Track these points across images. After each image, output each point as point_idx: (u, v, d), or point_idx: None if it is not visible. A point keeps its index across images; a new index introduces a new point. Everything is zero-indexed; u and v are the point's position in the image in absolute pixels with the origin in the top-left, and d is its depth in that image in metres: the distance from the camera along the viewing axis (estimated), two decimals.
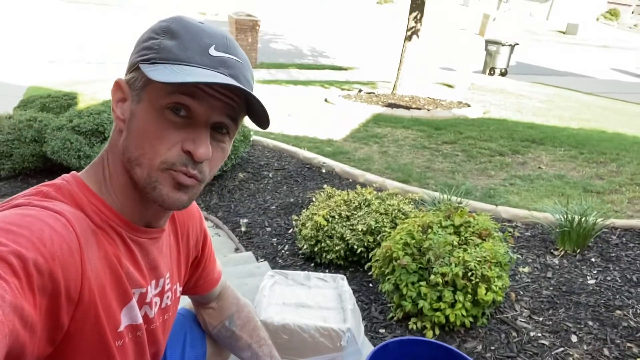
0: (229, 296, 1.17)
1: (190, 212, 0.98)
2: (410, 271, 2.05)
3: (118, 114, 0.74)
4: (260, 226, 3.34)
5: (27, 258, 0.55)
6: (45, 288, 0.57)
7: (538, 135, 5.90)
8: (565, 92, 10.80)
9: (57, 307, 0.60)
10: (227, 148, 0.77)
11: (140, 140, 0.71)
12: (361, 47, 14.66)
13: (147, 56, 0.70)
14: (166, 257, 0.87)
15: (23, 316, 0.52)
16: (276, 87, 8.44)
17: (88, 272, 0.66)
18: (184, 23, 0.71)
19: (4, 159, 3.76)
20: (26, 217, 0.61)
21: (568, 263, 2.67)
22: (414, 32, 7.78)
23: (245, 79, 0.74)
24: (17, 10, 13.30)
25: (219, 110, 0.72)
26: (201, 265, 1.04)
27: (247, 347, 1.13)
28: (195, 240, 1.00)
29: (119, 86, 0.74)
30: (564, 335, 2.07)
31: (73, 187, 0.73)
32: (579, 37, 26.23)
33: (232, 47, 0.73)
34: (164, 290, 0.87)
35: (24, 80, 7.25)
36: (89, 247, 0.67)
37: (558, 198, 3.74)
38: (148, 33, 0.73)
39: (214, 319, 1.14)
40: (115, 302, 0.73)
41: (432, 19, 11.61)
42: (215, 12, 16.79)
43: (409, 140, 5.46)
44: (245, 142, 4.09)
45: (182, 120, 0.70)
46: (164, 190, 0.72)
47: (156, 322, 0.86)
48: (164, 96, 0.69)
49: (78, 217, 0.68)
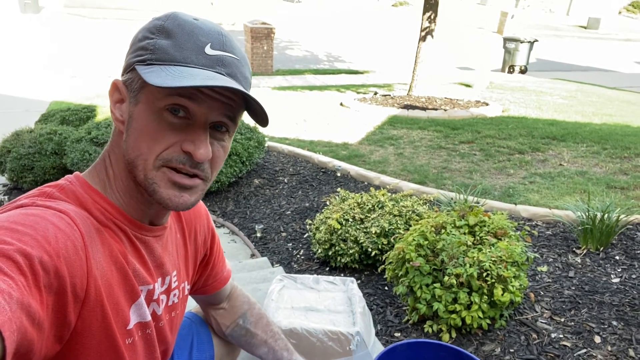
0: (239, 295, 1.17)
1: (197, 211, 0.98)
2: (424, 273, 2.01)
3: (117, 116, 0.74)
4: (276, 231, 3.33)
5: (33, 256, 0.55)
6: (51, 286, 0.57)
7: (559, 132, 5.76)
8: (588, 87, 10.54)
9: (63, 304, 0.60)
10: (227, 146, 0.77)
11: (138, 142, 0.71)
12: (377, 51, 14.62)
13: (143, 57, 0.70)
14: (172, 254, 0.87)
15: (30, 313, 0.52)
16: (292, 93, 8.48)
17: (94, 269, 0.66)
18: (178, 21, 0.70)
19: (26, 172, 3.85)
20: (30, 216, 0.62)
21: (591, 262, 2.58)
22: (428, 32, 7.71)
23: (242, 76, 0.73)
24: (41, 28, 13.71)
25: (217, 110, 0.71)
26: (210, 264, 1.04)
27: (264, 343, 1.13)
28: (203, 239, 1.00)
29: (116, 87, 0.74)
30: (587, 336, 1.99)
31: (76, 187, 0.73)
32: (600, 31, 25.62)
33: (229, 44, 0.72)
34: (171, 288, 0.87)
35: (47, 95, 7.45)
36: (93, 245, 0.67)
37: (580, 195, 3.63)
38: (143, 32, 0.72)
39: (227, 319, 1.14)
40: (123, 299, 0.73)
41: (448, 18, 11.52)
42: (232, 21, 17.00)
43: (425, 141, 5.40)
44: (260, 149, 4.11)
45: (181, 121, 0.70)
46: (163, 192, 0.72)
47: (164, 320, 0.86)
48: (161, 98, 0.69)
49: (82, 216, 0.68)
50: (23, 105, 6.83)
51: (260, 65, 10.35)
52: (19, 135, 4.08)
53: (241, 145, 3.89)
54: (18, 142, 3.97)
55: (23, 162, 3.84)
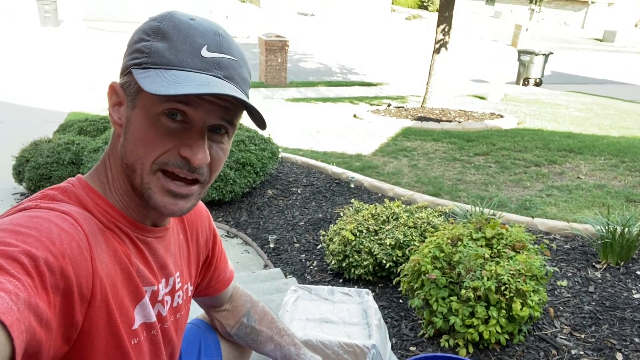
0: (241, 294, 1.16)
1: (199, 212, 0.98)
2: (440, 286, 1.98)
3: (115, 119, 0.74)
4: (289, 242, 3.32)
5: (38, 257, 0.55)
6: (57, 286, 0.57)
7: (576, 144, 5.68)
8: (604, 100, 10.42)
9: (70, 305, 0.60)
10: (227, 148, 0.76)
11: (135, 147, 0.71)
12: (391, 63, 14.65)
13: (139, 60, 0.69)
14: (174, 256, 0.87)
15: (38, 313, 0.52)
16: (305, 105, 8.51)
17: (99, 269, 0.66)
18: (174, 22, 0.70)
19: (44, 181, 3.90)
20: (33, 218, 0.62)
21: (611, 276, 2.52)
22: (442, 44, 7.72)
23: (240, 78, 0.72)
24: (60, 40, 14.02)
25: (214, 114, 0.71)
26: (213, 265, 1.04)
27: (269, 340, 1.12)
28: (205, 240, 1.00)
29: (114, 90, 0.74)
30: (609, 353, 1.93)
31: (78, 190, 0.73)
32: (616, 44, 25.41)
33: (225, 45, 0.71)
34: (175, 289, 0.87)
35: (65, 106, 7.58)
36: (97, 246, 0.67)
37: (599, 209, 3.56)
38: (139, 33, 0.72)
39: (231, 319, 1.14)
40: (128, 300, 0.73)
41: (462, 31, 11.50)
42: (247, 34, 17.21)
43: (439, 153, 5.37)
44: (273, 159, 4.11)
45: (178, 125, 0.69)
46: (158, 199, 0.72)
47: (169, 321, 0.86)
48: (158, 103, 0.68)
49: (85, 217, 0.68)
50: (42, 116, 6.95)
51: (274, 77, 10.44)
52: (38, 145, 4.14)
53: (255, 155, 3.90)
54: (36, 151, 4.03)
55: (41, 171, 3.89)
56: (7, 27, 15.28)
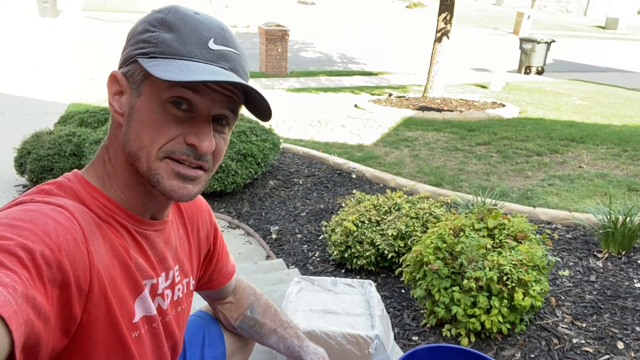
0: (244, 287, 1.17)
1: (199, 206, 0.98)
2: (442, 276, 1.99)
3: (116, 108, 0.74)
4: (291, 233, 3.33)
5: (34, 250, 0.55)
6: (55, 279, 0.57)
7: (578, 133, 5.67)
8: (607, 88, 10.37)
9: (68, 297, 0.60)
10: (227, 138, 0.79)
11: (140, 134, 0.71)
12: (391, 52, 14.57)
13: (145, 50, 0.70)
14: (174, 249, 0.88)
15: (36, 306, 0.52)
16: (306, 95, 8.48)
17: (96, 262, 0.66)
18: (180, 14, 0.71)
19: (45, 173, 3.90)
20: (29, 212, 0.62)
21: (612, 266, 2.53)
22: (443, 33, 7.66)
23: (243, 71, 0.74)
24: (59, 31, 13.94)
25: (220, 103, 0.72)
26: (214, 259, 1.05)
27: (273, 332, 1.13)
28: (206, 234, 1.00)
29: (116, 79, 0.74)
30: (610, 342, 1.95)
31: (75, 184, 0.73)
32: (619, 32, 25.20)
33: (230, 39, 0.73)
34: (174, 283, 0.87)
35: (66, 97, 7.56)
36: (94, 239, 0.67)
37: (601, 198, 3.56)
38: (143, 25, 0.72)
39: (234, 311, 1.14)
40: (127, 293, 0.73)
41: (463, 19, 11.41)
42: (247, 24, 17.09)
43: (441, 143, 5.36)
44: (275, 150, 4.11)
45: (184, 113, 0.70)
46: (166, 183, 0.72)
47: (170, 315, 0.86)
48: (165, 89, 0.69)
49: (81, 211, 0.69)
50: (42, 107, 6.93)
51: (274, 67, 10.38)
52: (39, 137, 4.14)
53: (256, 146, 3.90)
54: (38, 143, 4.03)
55: (43, 163, 3.90)
56: (5, 18, 15.19)
